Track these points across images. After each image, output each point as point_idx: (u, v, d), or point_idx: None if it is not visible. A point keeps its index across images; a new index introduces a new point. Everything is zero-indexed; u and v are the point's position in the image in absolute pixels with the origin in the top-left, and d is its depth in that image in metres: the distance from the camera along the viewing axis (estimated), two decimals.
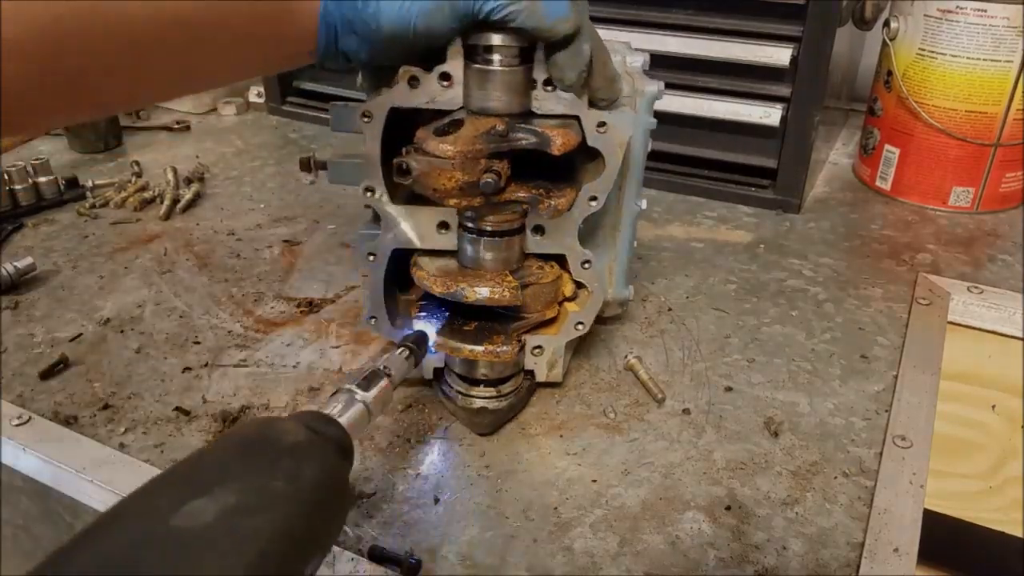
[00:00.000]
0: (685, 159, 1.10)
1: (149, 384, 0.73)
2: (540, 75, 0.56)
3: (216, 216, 1.05)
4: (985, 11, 0.97)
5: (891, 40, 1.06)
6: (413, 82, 0.57)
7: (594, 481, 0.62)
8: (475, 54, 0.55)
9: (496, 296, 0.60)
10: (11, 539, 0.74)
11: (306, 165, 0.64)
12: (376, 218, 0.65)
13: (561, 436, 0.67)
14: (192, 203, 1.08)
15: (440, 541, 0.56)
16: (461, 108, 0.58)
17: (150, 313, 0.84)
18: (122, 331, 0.80)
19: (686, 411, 0.69)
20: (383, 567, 0.54)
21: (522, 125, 0.56)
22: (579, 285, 0.67)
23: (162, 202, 1.06)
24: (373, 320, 0.68)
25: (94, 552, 0.31)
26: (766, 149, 1.05)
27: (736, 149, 1.07)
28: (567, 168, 0.62)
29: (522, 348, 0.66)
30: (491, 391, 0.66)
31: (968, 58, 0.99)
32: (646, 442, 0.66)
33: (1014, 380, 0.85)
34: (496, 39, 0.53)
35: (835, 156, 1.27)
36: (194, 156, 1.23)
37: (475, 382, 0.66)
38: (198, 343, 0.79)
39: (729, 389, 0.72)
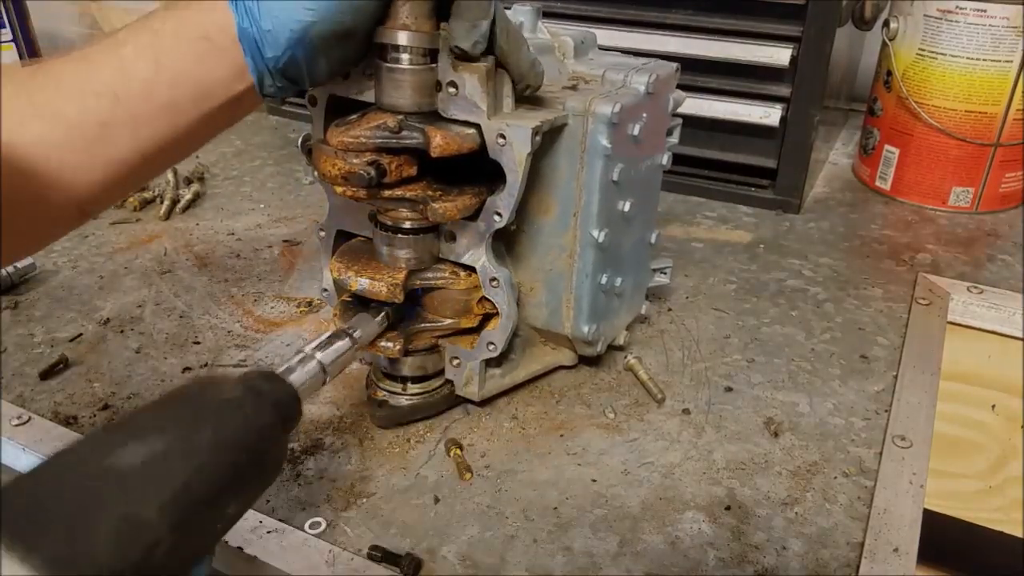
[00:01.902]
0: (685, 159, 1.09)
1: (149, 384, 0.73)
2: (445, 77, 0.56)
3: (216, 216, 1.05)
4: (985, 11, 0.97)
5: (891, 40, 1.06)
6: (346, 75, 0.59)
7: (594, 481, 0.62)
8: (382, 51, 0.55)
9: (373, 289, 0.61)
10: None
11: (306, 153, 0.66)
12: None
13: (561, 436, 0.67)
14: (192, 203, 1.08)
15: (440, 541, 0.56)
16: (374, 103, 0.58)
17: (150, 313, 0.84)
18: (122, 331, 0.80)
19: (686, 411, 0.69)
20: (383, 567, 0.54)
21: (415, 124, 0.56)
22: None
23: (162, 202, 1.06)
24: (325, 292, 0.71)
25: (33, 486, 0.35)
26: (766, 149, 1.05)
27: (736, 149, 1.07)
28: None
29: (431, 351, 0.66)
30: (396, 386, 0.67)
31: (968, 58, 0.99)
32: (646, 442, 0.66)
33: (1014, 380, 0.85)
34: (402, 38, 0.53)
35: (835, 156, 1.27)
36: (194, 156, 1.23)
37: (386, 373, 0.67)
38: (198, 343, 0.79)
39: (729, 389, 0.72)
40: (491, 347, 0.65)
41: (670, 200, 1.09)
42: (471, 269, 0.63)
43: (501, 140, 0.57)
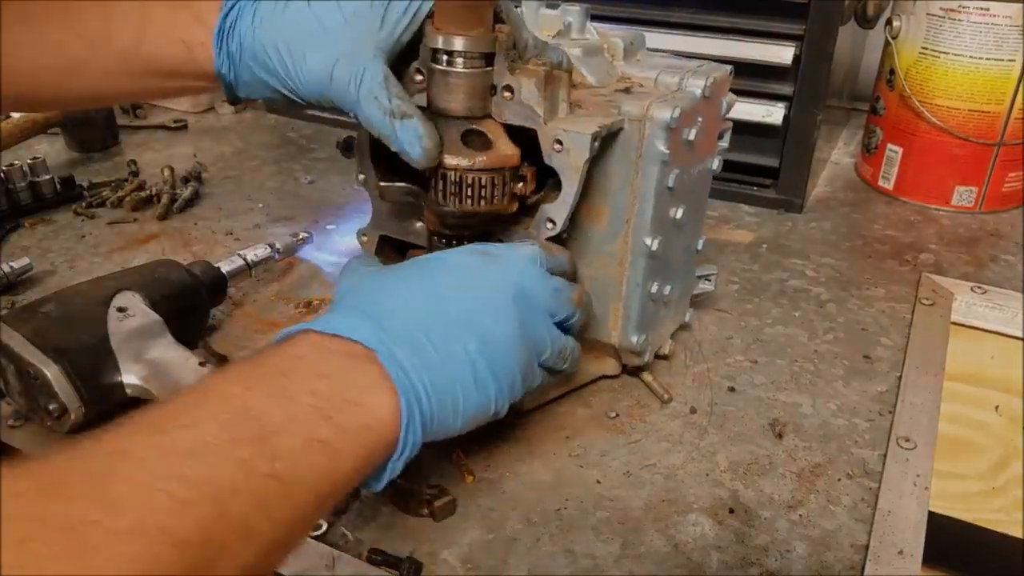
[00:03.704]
0: None
1: None
2: (500, 80, 0.55)
3: (214, 216, 1.05)
4: (988, 10, 0.96)
5: (893, 39, 1.05)
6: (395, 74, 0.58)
7: (597, 482, 0.61)
8: (435, 55, 0.54)
9: None
10: None
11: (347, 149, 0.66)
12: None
13: (563, 437, 0.66)
14: (190, 203, 1.07)
15: (441, 544, 0.56)
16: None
17: None
18: None
19: (689, 412, 0.69)
20: (383, 570, 0.53)
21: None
22: None
23: (159, 201, 1.05)
24: None
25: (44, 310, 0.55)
26: (768, 148, 1.05)
27: (738, 148, 1.05)
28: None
29: None
30: None
31: (971, 57, 0.99)
32: (648, 443, 0.65)
33: (1017, 381, 0.85)
34: (458, 43, 0.53)
35: (837, 155, 1.27)
36: (192, 155, 1.23)
37: None
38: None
39: (732, 390, 0.72)
40: None
41: None
42: None
43: (558, 146, 0.55)
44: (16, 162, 1.04)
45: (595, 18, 0.66)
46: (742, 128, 1.03)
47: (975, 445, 0.89)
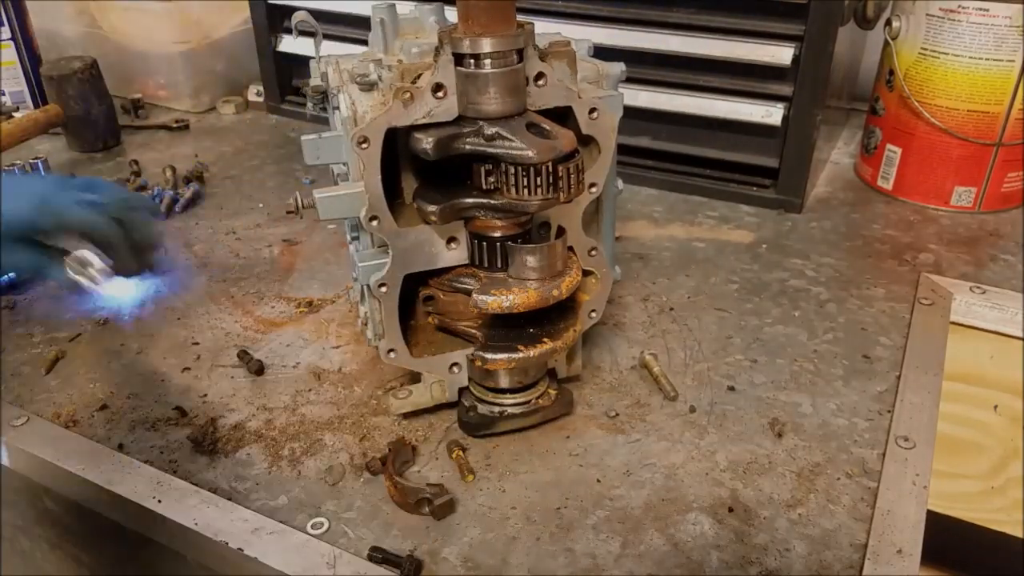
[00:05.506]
0: (687, 159, 1.09)
1: (148, 384, 0.72)
2: (532, 70, 0.55)
3: (215, 215, 1.05)
4: (987, 10, 0.96)
5: (893, 39, 1.06)
6: (407, 100, 0.54)
7: (597, 482, 0.62)
8: (460, 59, 0.53)
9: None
10: (10, 540, 0.74)
11: (295, 208, 0.62)
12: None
13: (563, 437, 0.66)
14: (191, 202, 1.07)
15: (441, 543, 0.56)
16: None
17: (149, 313, 0.83)
18: (121, 331, 0.80)
19: (689, 411, 0.69)
20: (383, 569, 0.54)
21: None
22: (586, 273, 0.64)
23: (160, 201, 1.05)
24: (392, 354, 0.63)
25: None
26: (768, 148, 1.05)
27: (738, 148, 1.07)
28: None
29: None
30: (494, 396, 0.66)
31: (970, 57, 0.99)
32: (648, 443, 0.66)
33: (1016, 380, 0.85)
34: (486, 45, 0.52)
35: (836, 156, 1.27)
36: (193, 155, 1.23)
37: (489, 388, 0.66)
38: (197, 343, 0.78)
39: (732, 389, 0.72)
40: (593, 314, 0.66)
41: (672, 199, 1.09)
42: None
43: (594, 114, 0.57)
44: (18, 162, 1.04)
45: (592, 19, 0.67)
46: (742, 128, 1.03)
47: (974, 445, 0.89)
